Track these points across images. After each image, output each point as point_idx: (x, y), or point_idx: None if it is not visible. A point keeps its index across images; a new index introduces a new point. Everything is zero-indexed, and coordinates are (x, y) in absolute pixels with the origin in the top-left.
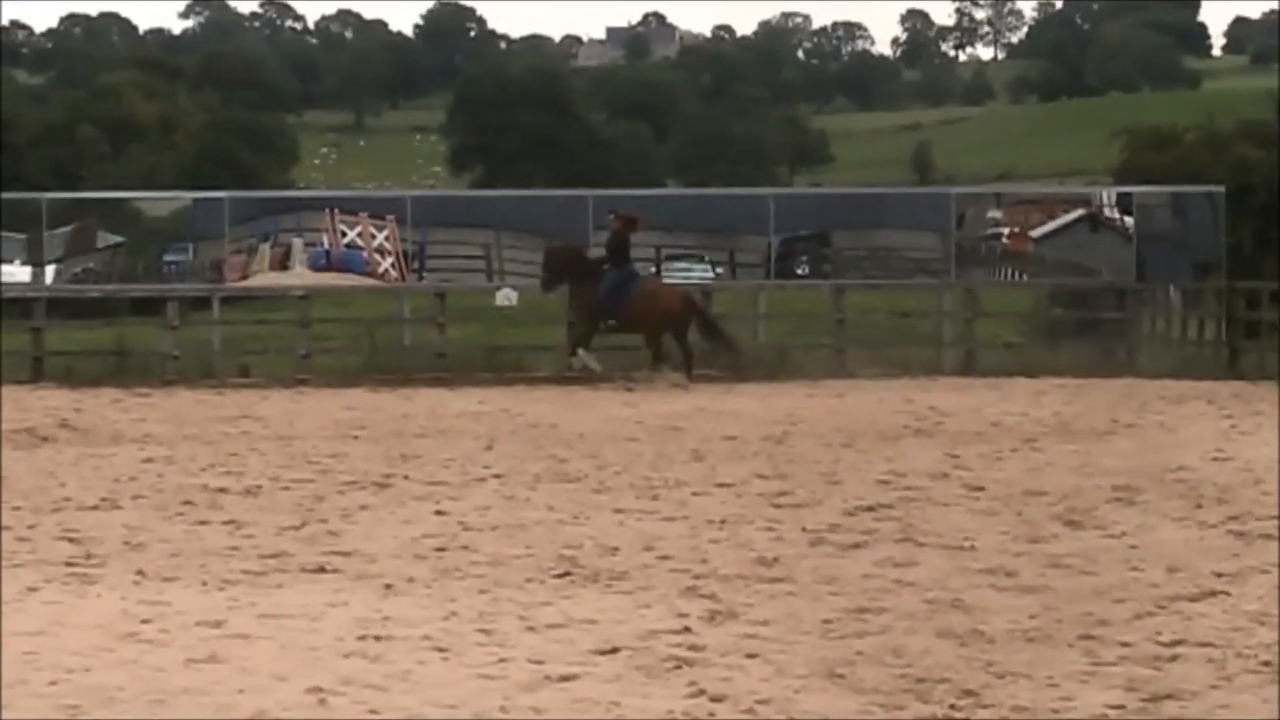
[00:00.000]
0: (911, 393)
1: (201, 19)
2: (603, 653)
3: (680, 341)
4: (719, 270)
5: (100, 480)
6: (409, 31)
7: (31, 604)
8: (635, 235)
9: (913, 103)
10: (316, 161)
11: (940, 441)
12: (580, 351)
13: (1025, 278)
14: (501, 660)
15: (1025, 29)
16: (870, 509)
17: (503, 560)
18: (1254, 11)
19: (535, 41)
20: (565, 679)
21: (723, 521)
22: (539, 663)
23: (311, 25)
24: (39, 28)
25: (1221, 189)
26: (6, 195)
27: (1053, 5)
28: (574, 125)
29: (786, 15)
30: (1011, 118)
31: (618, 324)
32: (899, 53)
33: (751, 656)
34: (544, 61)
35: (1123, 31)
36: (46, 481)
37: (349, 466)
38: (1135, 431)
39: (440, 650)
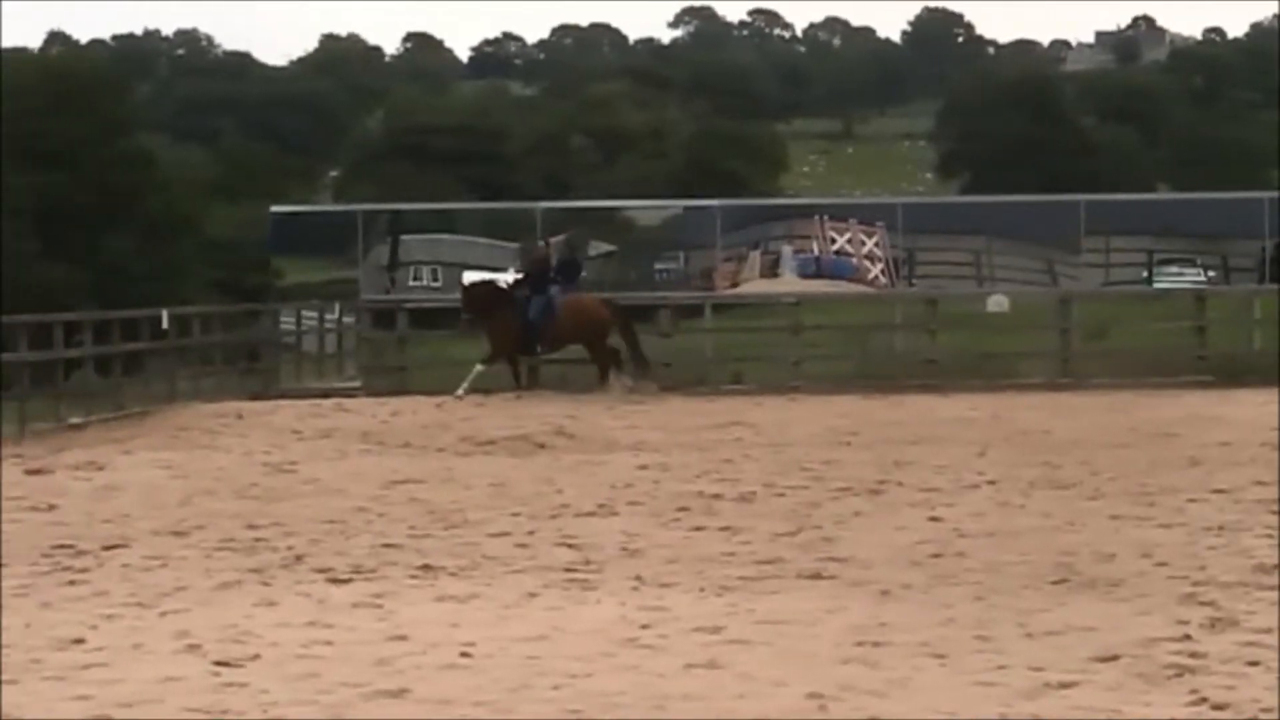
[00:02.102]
0: None
1: (691, 28)
2: (1102, 660)
3: (602, 348)
4: (1211, 274)
5: (596, 486)
6: (896, 38)
7: (533, 609)
8: (1122, 239)
9: None
10: (805, 169)
11: None
12: (478, 368)
13: None
14: (1000, 667)
15: None
16: None
17: (998, 567)
18: None
19: (1024, 46)
20: (1064, 686)
21: (1220, 528)
22: (1038, 670)
23: (799, 33)
24: (530, 39)
25: None
26: (501, 205)
27: None
28: (1063, 130)
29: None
30: None
31: (549, 345)
32: None
33: (1253, 664)
34: (1033, 65)
35: None
36: (544, 488)
37: (842, 473)
38: None
39: (938, 656)
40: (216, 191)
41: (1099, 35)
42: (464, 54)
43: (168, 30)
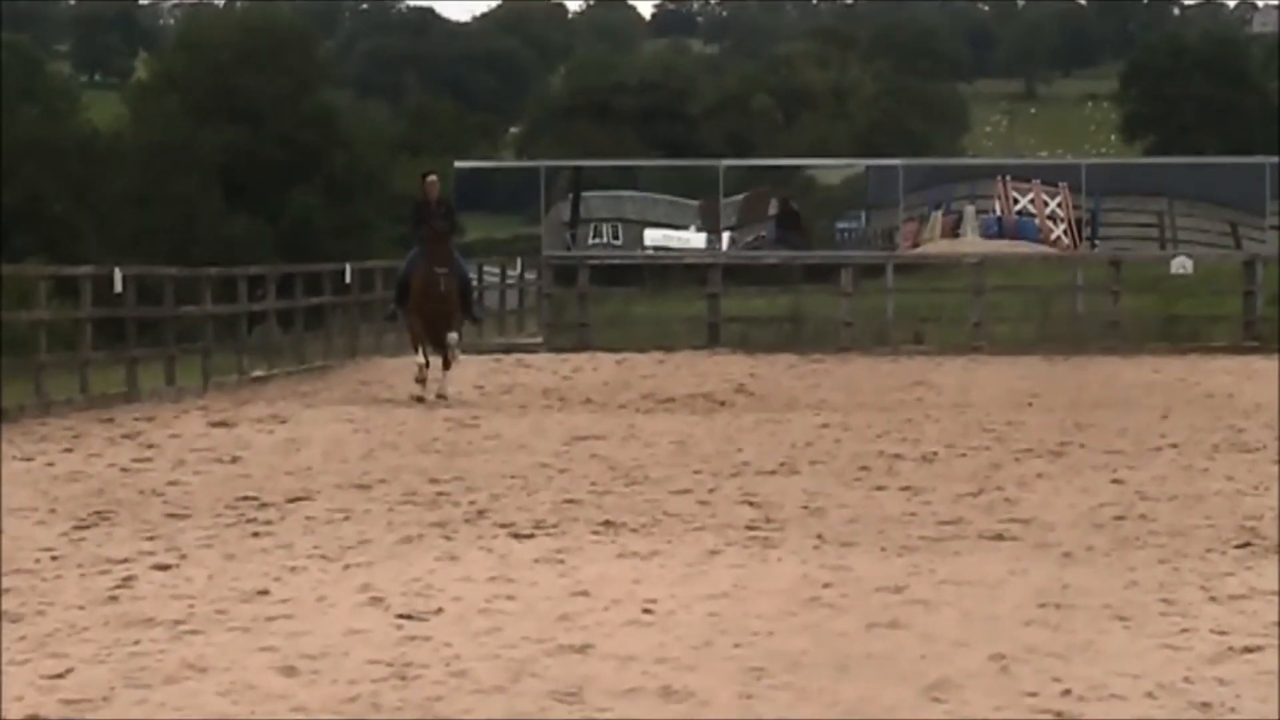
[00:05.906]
0: None
1: None
2: None
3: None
4: None
5: (777, 445)
6: None
7: (714, 567)
8: None
9: None
10: (988, 129)
11: None
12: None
13: None
14: (1184, 631)
15: None
16: None
17: (1182, 530)
18: None
19: (1210, 8)
20: (1249, 650)
21: None
22: (1222, 634)
23: None
24: None
25: None
26: (683, 162)
27: None
28: (1249, 93)
29: None
30: None
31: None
32: None
33: None
34: (1219, 28)
35: None
36: (725, 446)
37: (1024, 434)
38: None
39: (1121, 619)
40: (400, 147)
41: None
42: (647, 11)
43: None
